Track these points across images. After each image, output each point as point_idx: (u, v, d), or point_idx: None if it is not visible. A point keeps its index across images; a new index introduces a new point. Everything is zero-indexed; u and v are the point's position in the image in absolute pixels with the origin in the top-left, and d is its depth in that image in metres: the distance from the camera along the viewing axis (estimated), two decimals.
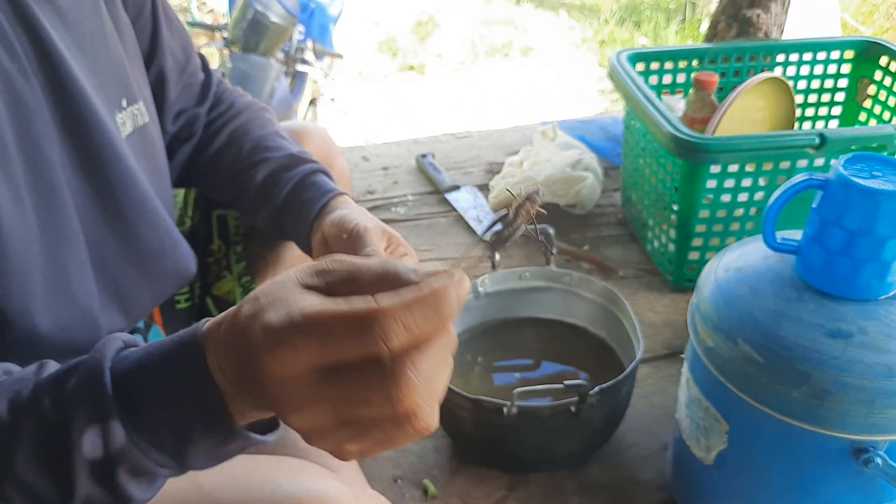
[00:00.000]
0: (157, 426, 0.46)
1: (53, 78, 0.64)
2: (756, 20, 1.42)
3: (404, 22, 5.15)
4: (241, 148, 0.96)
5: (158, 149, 0.85)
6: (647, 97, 1.17)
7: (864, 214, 0.72)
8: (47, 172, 0.64)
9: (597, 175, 1.41)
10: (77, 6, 0.69)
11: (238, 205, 0.99)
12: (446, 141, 1.66)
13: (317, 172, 0.93)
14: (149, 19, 0.88)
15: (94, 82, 0.70)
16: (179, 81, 0.93)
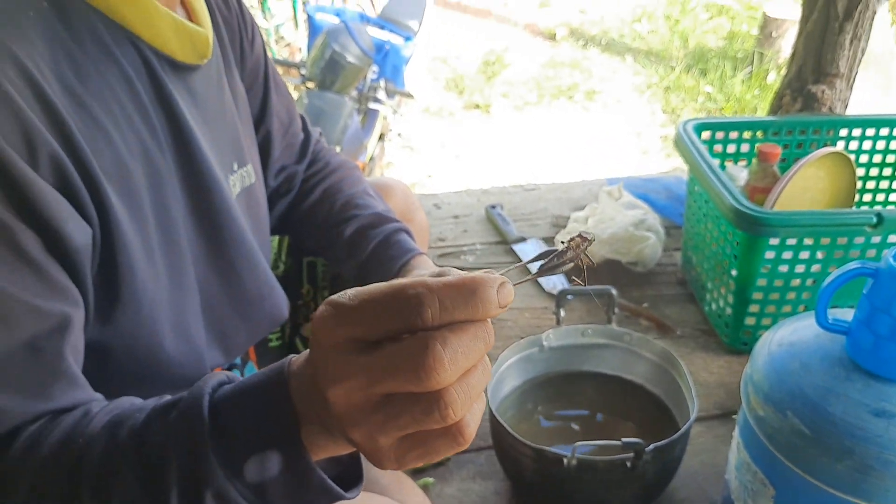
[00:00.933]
0: (241, 452, 0.51)
1: (183, 150, 0.75)
2: (821, 95, 1.47)
3: (472, 61, 5.29)
4: (333, 204, 1.06)
5: (262, 205, 0.96)
6: (711, 167, 1.24)
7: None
8: (173, 231, 0.74)
9: (659, 235, 1.47)
10: (205, 84, 0.80)
11: (327, 255, 1.09)
12: (515, 192, 1.75)
13: (399, 231, 1.03)
14: (261, 87, 0.99)
15: (214, 150, 0.80)
16: (283, 141, 1.04)
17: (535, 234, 1.59)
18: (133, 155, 0.68)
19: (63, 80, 0.61)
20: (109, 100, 0.66)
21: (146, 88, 0.70)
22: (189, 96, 0.76)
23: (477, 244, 1.57)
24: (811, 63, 1.48)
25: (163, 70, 0.72)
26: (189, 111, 0.75)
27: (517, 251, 1.54)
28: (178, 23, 0.73)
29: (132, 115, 0.68)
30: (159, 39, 0.71)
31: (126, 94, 0.68)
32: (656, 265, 1.49)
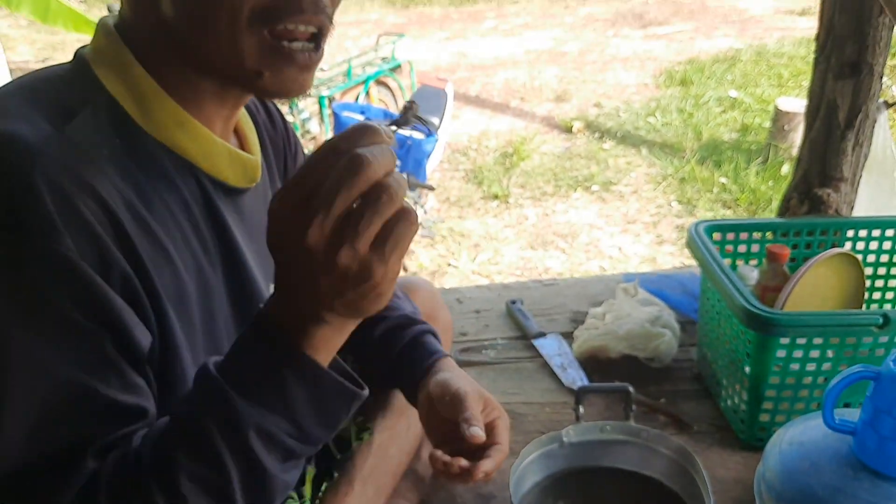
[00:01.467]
0: (253, 383, 0.62)
1: (231, 264, 0.83)
2: (827, 198, 1.54)
3: (491, 153, 5.45)
4: None
5: None
6: (722, 268, 1.30)
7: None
8: (218, 337, 0.82)
9: (674, 332, 1.52)
10: (253, 203, 0.89)
11: (357, 353, 1.16)
12: (534, 288, 1.81)
13: (426, 334, 1.09)
14: None
15: (258, 261, 0.88)
16: None
17: (554, 329, 1.64)
18: (188, 271, 0.76)
19: (131, 207, 0.70)
20: (170, 222, 0.74)
21: (201, 211, 0.79)
22: (238, 216, 0.85)
23: (498, 339, 1.62)
24: (816, 168, 1.56)
25: (216, 194, 0.81)
26: (238, 229, 0.84)
27: (537, 346, 1.59)
28: (232, 152, 0.82)
29: (189, 235, 0.77)
30: (215, 168, 0.80)
31: (184, 217, 0.77)
32: (672, 361, 1.53)
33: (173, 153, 0.76)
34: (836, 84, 1.49)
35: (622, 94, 6.41)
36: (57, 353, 0.63)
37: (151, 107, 0.75)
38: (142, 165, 0.73)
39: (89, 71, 0.75)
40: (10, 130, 0.65)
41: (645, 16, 8.36)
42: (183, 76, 0.76)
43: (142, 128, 0.74)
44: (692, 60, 6.94)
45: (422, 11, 8.83)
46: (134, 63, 0.75)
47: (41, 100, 0.70)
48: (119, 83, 0.74)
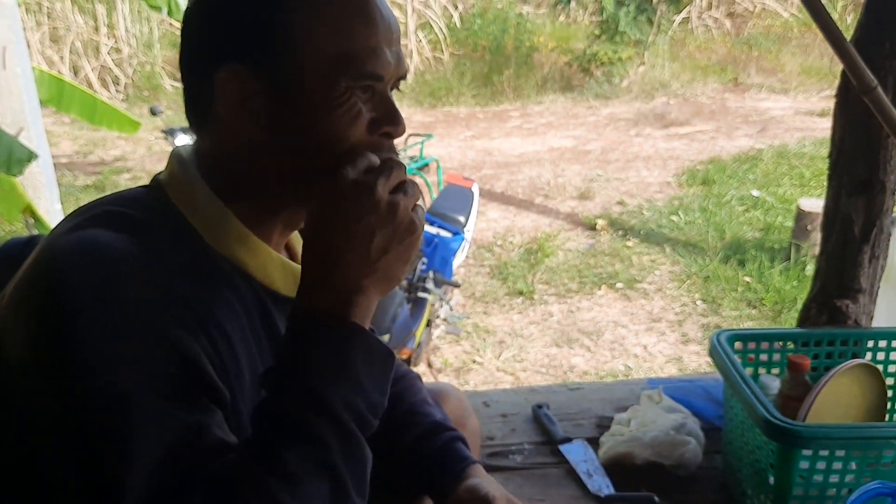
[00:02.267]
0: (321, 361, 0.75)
1: None
2: (846, 309, 1.58)
3: (515, 249, 5.54)
4: (395, 411, 1.18)
5: None
6: (744, 379, 1.33)
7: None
8: None
9: (699, 440, 1.54)
10: None
11: (388, 457, 1.20)
12: (560, 392, 1.85)
13: (456, 440, 1.14)
14: None
15: None
16: None
17: (580, 435, 1.67)
18: (245, 363, 0.85)
19: (200, 301, 0.79)
20: (233, 320, 0.84)
21: (257, 314, 0.88)
22: (286, 321, 0.92)
23: (524, 443, 1.65)
24: (834, 280, 1.61)
25: (269, 301, 0.90)
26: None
27: (563, 451, 1.61)
28: (284, 263, 0.91)
29: (247, 333, 0.86)
30: (268, 278, 0.89)
31: (244, 318, 0.86)
32: (698, 468, 1.54)
33: (234, 264, 0.86)
34: (849, 200, 1.55)
35: (645, 192, 6.53)
36: (165, 402, 0.72)
37: (216, 225, 0.85)
38: (206, 273, 0.83)
39: (163, 194, 0.86)
40: (99, 235, 0.76)
41: (666, 116, 8.57)
42: (252, 201, 0.87)
43: (207, 243, 0.85)
44: (714, 160, 7.07)
45: (448, 111, 9.13)
46: (203, 187, 0.86)
47: (122, 215, 0.81)
48: (188, 204, 0.85)
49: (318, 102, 0.81)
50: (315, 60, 0.81)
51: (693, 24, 11.28)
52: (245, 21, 0.82)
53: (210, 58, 0.82)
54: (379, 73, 0.83)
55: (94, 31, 9.22)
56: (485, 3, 10.22)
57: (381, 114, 0.84)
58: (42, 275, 0.75)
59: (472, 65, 9.87)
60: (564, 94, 9.50)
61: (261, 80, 0.81)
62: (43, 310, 0.73)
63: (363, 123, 0.83)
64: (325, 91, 0.81)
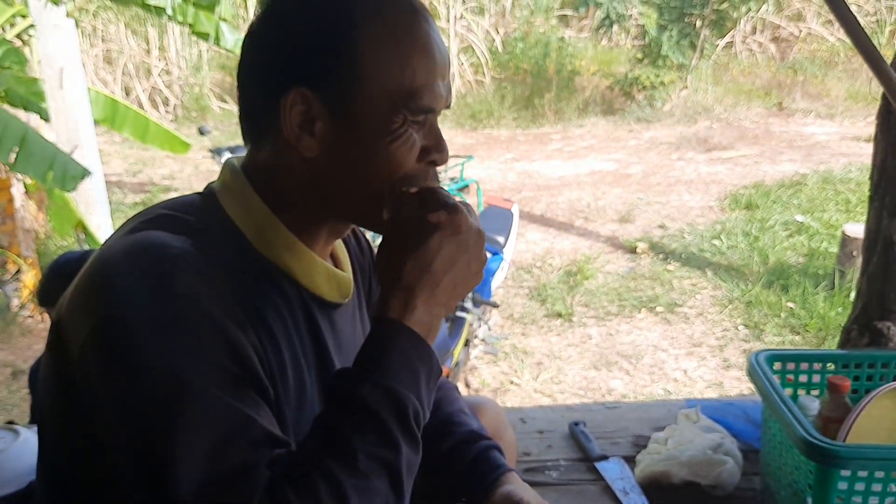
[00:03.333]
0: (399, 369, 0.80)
1: (321, 366, 0.95)
2: (887, 332, 1.57)
3: (555, 271, 5.54)
4: (433, 419, 1.20)
5: None
6: (782, 399, 1.33)
7: None
8: (304, 427, 0.90)
9: (737, 460, 1.54)
10: (343, 316, 1.01)
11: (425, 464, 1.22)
12: (597, 410, 1.85)
13: (492, 449, 1.16)
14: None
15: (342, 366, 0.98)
16: None
17: (616, 453, 1.67)
18: (290, 364, 0.89)
19: (255, 306, 0.85)
20: (279, 324, 0.88)
21: (302, 318, 0.93)
22: (330, 326, 0.98)
23: (560, 460, 1.66)
24: (875, 301, 1.60)
25: (314, 306, 0.94)
26: (329, 337, 0.97)
27: (599, 469, 1.62)
28: (329, 270, 0.96)
29: (292, 335, 0.90)
30: (314, 284, 0.94)
31: (290, 321, 0.90)
32: (735, 489, 1.54)
33: (281, 270, 0.91)
34: (891, 222, 1.54)
35: (686, 216, 6.48)
36: (220, 391, 0.75)
37: (265, 232, 0.90)
38: (255, 276, 0.87)
39: (216, 201, 0.91)
40: (156, 235, 0.81)
41: (709, 140, 8.51)
42: (300, 212, 0.91)
43: (256, 248, 0.89)
44: (757, 184, 7.00)
45: (489, 133, 9.18)
46: (254, 196, 0.90)
47: (177, 219, 0.86)
48: (240, 212, 0.90)
49: (378, 131, 0.85)
50: (378, 92, 0.84)
51: (737, 49, 11.22)
52: (317, 47, 0.86)
53: (279, 77, 0.86)
54: (433, 107, 0.87)
55: (145, 53, 9.50)
56: (527, 27, 10.29)
57: (431, 143, 0.89)
58: (102, 273, 0.80)
59: (514, 88, 9.93)
60: (606, 117, 9.50)
61: (325, 105, 0.85)
62: (104, 304, 0.77)
63: (416, 153, 0.87)
64: (385, 122, 0.85)
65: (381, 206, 0.89)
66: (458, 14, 9.96)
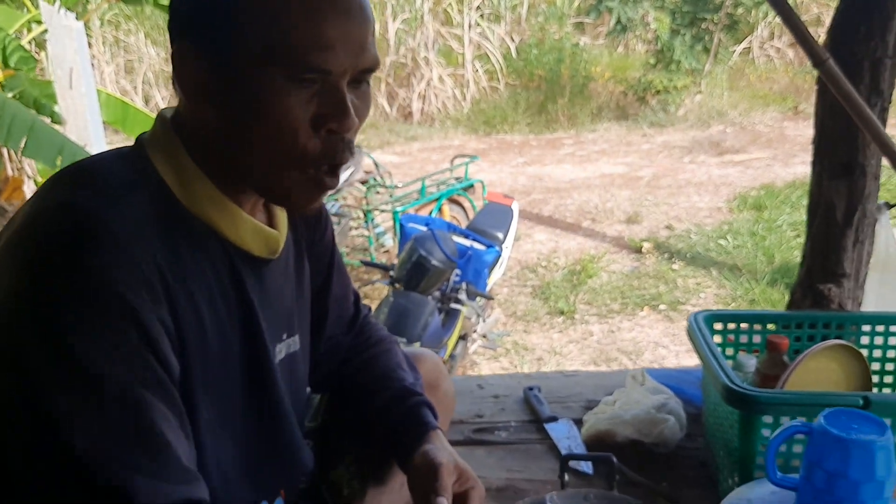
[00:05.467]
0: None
1: (246, 324, 0.96)
2: (829, 293, 1.58)
3: (559, 270, 5.55)
4: (369, 374, 1.24)
5: (302, 370, 1.15)
6: (712, 352, 1.36)
7: (838, 460, 0.87)
8: (229, 387, 0.94)
9: (679, 419, 1.56)
10: (272, 273, 1.02)
11: (360, 419, 1.25)
12: (554, 378, 1.89)
13: (421, 406, 1.17)
14: (325, 270, 1.20)
15: (269, 324, 1.00)
16: (335, 313, 1.24)
17: (567, 415, 1.70)
18: (211, 325, 0.90)
19: (170, 263, 0.84)
20: (200, 281, 0.88)
21: (226, 275, 0.93)
22: (257, 283, 0.98)
23: (512, 422, 1.69)
24: (819, 264, 1.61)
25: (240, 262, 0.94)
26: (256, 294, 0.97)
27: (548, 429, 1.65)
28: (256, 226, 0.95)
29: (215, 294, 0.91)
30: (240, 240, 0.93)
31: (213, 278, 0.91)
32: (679, 448, 1.56)
33: (206, 225, 0.91)
34: (831, 184, 1.56)
35: (694, 217, 6.46)
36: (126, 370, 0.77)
37: (191, 186, 0.89)
38: (179, 233, 0.87)
39: (144, 153, 0.90)
40: (73, 200, 0.81)
41: (721, 144, 8.48)
42: (224, 168, 0.90)
43: (182, 204, 0.89)
44: (767, 186, 6.96)
45: (502, 138, 9.22)
46: (181, 149, 0.90)
47: (101, 174, 0.86)
48: (166, 165, 0.89)
49: (256, 91, 0.82)
50: (254, 49, 0.81)
51: (754, 54, 11.16)
52: (197, 1, 0.85)
53: (172, 29, 0.87)
54: (323, 67, 0.81)
55: (164, 62, 9.67)
56: (541, 33, 10.34)
57: (328, 109, 0.83)
58: (12, 244, 0.81)
59: (528, 94, 9.96)
60: (619, 122, 9.49)
61: (207, 60, 0.84)
62: (10, 278, 0.78)
63: (304, 118, 0.83)
64: (261, 81, 0.81)
65: (285, 182, 0.86)
66: (472, 21, 10.04)
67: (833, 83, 1.24)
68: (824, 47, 1.36)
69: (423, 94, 9.66)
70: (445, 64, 9.99)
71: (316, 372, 1.21)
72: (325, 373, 1.25)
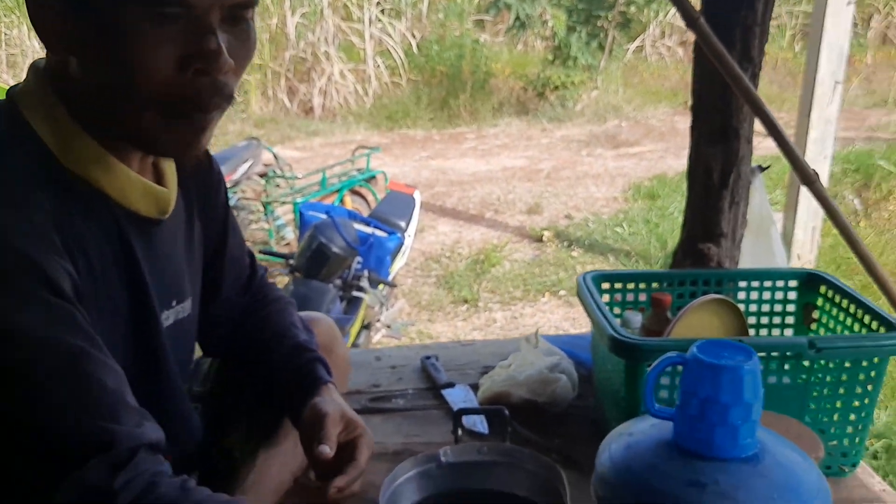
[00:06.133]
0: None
1: (133, 286, 0.93)
2: (708, 252, 1.66)
3: (463, 260, 5.61)
4: (264, 332, 1.22)
5: (190, 334, 1.12)
6: (598, 306, 1.40)
7: (710, 384, 0.90)
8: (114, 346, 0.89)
9: (571, 378, 1.60)
10: (162, 234, 0.98)
11: (256, 375, 1.24)
12: (452, 347, 1.90)
13: (315, 362, 1.18)
14: (220, 231, 1.17)
15: (157, 288, 0.97)
16: (231, 275, 1.22)
17: (464, 381, 1.72)
18: (101, 287, 0.87)
19: (58, 224, 0.80)
20: (91, 240, 0.85)
21: (115, 239, 0.90)
22: (146, 244, 0.95)
23: (409, 389, 1.70)
24: (698, 225, 1.69)
25: (127, 223, 0.91)
26: (144, 258, 0.94)
27: (444, 395, 1.66)
28: (145, 186, 0.92)
29: (105, 253, 0.88)
30: (127, 200, 0.90)
31: (102, 238, 0.87)
32: (572, 407, 1.60)
33: (90, 185, 0.86)
34: (708, 149, 1.64)
35: (592, 206, 6.65)
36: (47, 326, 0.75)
37: (71, 145, 0.85)
38: (61, 196, 0.83)
39: (17, 108, 0.85)
40: None
41: (617, 137, 8.75)
42: (103, 124, 0.86)
43: (62, 164, 0.84)
44: (659, 177, 7.23)
45: (405, 133, 9.23)
46: (57, 105, 0.85)
47: None
48: (43, 122, 0.84)
49: (115, 33, 0.77)
50: None
51: (647, 52, 11.55)
52: None
53: None
54: (185, 1, 0.77)
55: None
56: (442, 30, 10.40)
57: (193, 48, 0.79)
58: None
59: (430, 89, 10.00)
60: (519, 117, 9.65)
61: (65, 6, 0.79)
62: None
63: (168, 58, 0.78)
64: (119, 20, 0.77)
65: (157, 129, 0.83)
66: (373, 17, 10.00)
67: (706, 43, 1.30)
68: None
69: (324, 90, 9.55)
70: (346, 59, 9.92)
71: (211, 334, 1.19)
72: (220, 334, 1.23)
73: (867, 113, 9.22)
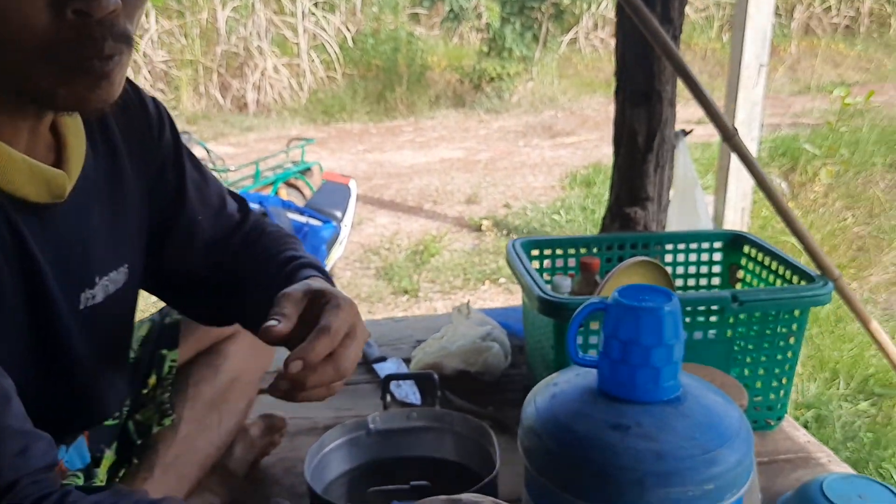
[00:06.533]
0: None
1: (28, 275, 0.85)
2: (635, 216, 1.68)
3: (402, 251, 5.58)
4: (257, 258, 1.11)
5: (124, 306, 1.04)
6: (528, 270, 1.39)
7: (631, 327, 0.90)
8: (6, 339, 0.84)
9: (503, 346, 1.60)
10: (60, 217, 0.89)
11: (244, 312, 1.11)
12: (384, 324, 1.88)
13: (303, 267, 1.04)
14: (172, 176, 1.07)
15: (62, 273, 0.90)
16: (214, 223, 1.11)
17: (396, 355, 1.70)
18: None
19: None
20: None
21: (3, 229, 0.82)
22: (41, 230, 0.86)
23: None
24: (625, 189, 1.70)
25: (15, 209, 0.82)
26: (38, 243, 0.86)
27: (376, 369, 1.64)
28: (33, 168, 0.82)
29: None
30: (11, 185, 0.81)
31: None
32: (504, 376, 1.59)
33: None
34: (632, 112, 1.65)
35: (530, 195, 6.69)
36: None
37: None
38: None
39: None
40: None
41: (553, 127, 8.83)
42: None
43: None
44: (595, 165, 7.31)
45: (341, 127, 9.16)
46: None
47: None
48: None
49: None
50: None
51: (581, 44, 11.68)
52: None
53: None
54: None
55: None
56: (377, 23, 10.34)
57: None
58: None
59: (366, 83, 9.95)
60: (456, 109, 9.67)
61: None
62: None
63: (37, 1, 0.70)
64: None
65: (43, 80, 0.75)
66: (306, 10, 9.88)
67: (629, 5, 1.31)
68: None
69: (257, 85, 9.41)
70: (280, 54, 9.78)
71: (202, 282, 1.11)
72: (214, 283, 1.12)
73: (792, 100, 9.50)
